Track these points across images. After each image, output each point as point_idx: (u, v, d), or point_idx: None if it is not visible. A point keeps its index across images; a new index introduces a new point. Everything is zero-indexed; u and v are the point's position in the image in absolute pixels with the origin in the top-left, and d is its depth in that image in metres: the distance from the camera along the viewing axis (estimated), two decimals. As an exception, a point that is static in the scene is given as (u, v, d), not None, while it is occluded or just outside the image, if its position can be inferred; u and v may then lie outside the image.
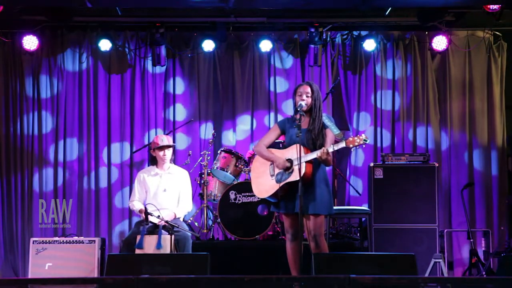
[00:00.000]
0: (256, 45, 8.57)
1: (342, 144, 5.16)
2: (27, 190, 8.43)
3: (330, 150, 5.19)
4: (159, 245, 6.26)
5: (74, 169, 8.49)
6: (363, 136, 5.13)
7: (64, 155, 8.49)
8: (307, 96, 5.45)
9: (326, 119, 5.41)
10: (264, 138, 5.73)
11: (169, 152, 6.78)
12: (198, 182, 7.62)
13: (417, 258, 4.79)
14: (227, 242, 7.36)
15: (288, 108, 8.53)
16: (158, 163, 6.84)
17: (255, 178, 5.69)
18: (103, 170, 8.54)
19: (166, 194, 6.74)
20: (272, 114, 8.64)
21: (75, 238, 6.89)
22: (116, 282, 4.13)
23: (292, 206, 5.36)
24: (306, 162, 5.25)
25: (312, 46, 8.38)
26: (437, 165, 7.60)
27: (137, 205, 6.73)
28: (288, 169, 5.36)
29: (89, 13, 8.26)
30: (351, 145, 5.14)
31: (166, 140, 6.82)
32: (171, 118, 8.65)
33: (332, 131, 5.34)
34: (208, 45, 8.40)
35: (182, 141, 8.58)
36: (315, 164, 5.33)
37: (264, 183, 5.55)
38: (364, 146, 5.17)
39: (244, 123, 8.66)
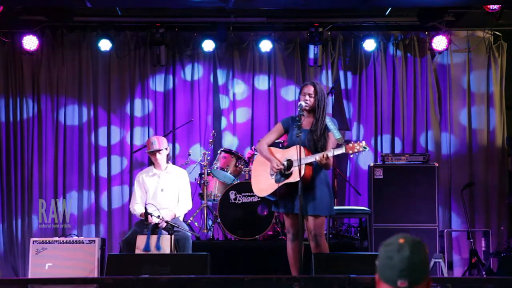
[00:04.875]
0: (256, 45, 8.57)
1: (342, 150, 5.17)
2: (27, 190, 8.43)
3: (330, 154, 5.18)
4: (158, 247, 6.25)
5: (74, 169, 8.49)
6: (363, 143, 5.15)
7: (64, 155, 8.49)
8: (310, 97, 5.44)
9: (330, 122, 5.40)
10: (266, 136, 5.72)
11: (160, 156, 6.75)
12: (198, 182, 7.61)
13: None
14: (227, 242, 7.36)
15: (288, 108, 8.53)
16: (155, 164, 6.84)
17: (255, 176, 5.69)
18: (103, 170, 8.54)
19: (164, 194, 6.73)
20: (272, 114, 8.64)
21: (75, 238, 6.89)
22: (116, 282, 4.13)
23: (292, 205, 5.36)
24: (306, 164, 5.24)
25: (312, 46, 8.38)
26: (437, 165, 7.60)
27: (138, 209, 6.70)
28: (288, 170, 5.35)
29: (89, 13, 8.26)
30: (350, 152, 5.15)
31: (156, 143, 6.74)
32: (171, 119, 8.65)
33: (334, 135, 5.34)
34: (208, 45, 8.39)
35: (182, 141, 8.60)
36: (315, 166, 5.32)
37: (263, 182, 5.55)
38: (363, 153, 5.19)
39: (244, 122, 8.66)
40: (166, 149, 6.80)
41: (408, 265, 2.25)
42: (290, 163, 5.36)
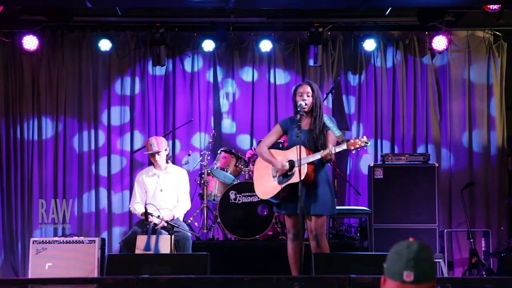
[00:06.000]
0: (256, 45, 8.57)
1: (344, 146, 5.17)
2: (27, 190, 8.43)
3: (333, 151, 5.20)
4: (156, 250, 6.24)
5: (74, 169, 8.49)
6: (365, 138, 5.14)
7: (64, 155, 8.49)
8: (308, 96, 5.44)
9: (328, 120, 5.40)
10: (266, 138, 5.72)
11: (160, 157, 6.75)
12: (198, 182, 7.61)
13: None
14: (227, 242, 7.35)
15: (287, 108, 8.53)
16: (155, 164, 6.84)
17: (258, 179, 5.69)
18: (103, 170, 8.54)
19: (164, 194, 6.73)
20: (272, 113, 8.64)
21: (75, 238, 6.88)
22: (116, 282, 4.13)
23: (294, 206, 5.35)
24: (308, 163, 5.25)
25: (312, 46, 8.38)
26: (437, 165, 7.60)
27: (138, 209, 6.71)
28: (290, 170, 5.35)
29: (89, 13, 8.27)
30: (352, 147, 5.15)
31: (155, 144, 6.72)
32: (171, 119, 8.65)
33: (334, 132, 5.34)
34: (208, 45, 8.40)
35: (182, 141, 8.60)
36: (316, 165, 5.33)
37: (266, 184, 5.55)
38: (365, 148, 5.19)
39: (243, 122, 8.66)
40: (165, 150, 6.80)
41: (415, 256, 2.32)
42: (292, 163, 5.36)
